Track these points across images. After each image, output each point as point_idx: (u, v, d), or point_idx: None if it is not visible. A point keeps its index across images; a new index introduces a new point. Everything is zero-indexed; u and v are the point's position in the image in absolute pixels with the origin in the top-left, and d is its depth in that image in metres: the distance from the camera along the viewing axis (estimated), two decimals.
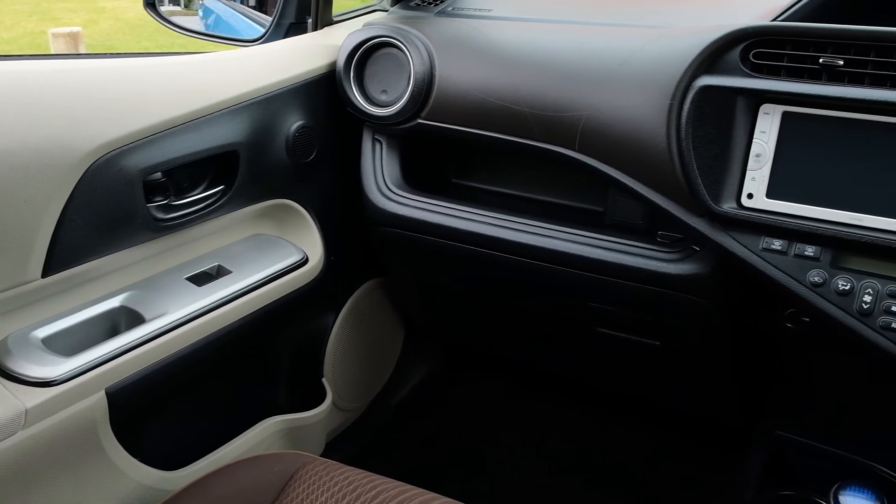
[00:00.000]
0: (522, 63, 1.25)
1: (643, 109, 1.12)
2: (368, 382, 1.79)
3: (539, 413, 1.93)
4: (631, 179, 1.16)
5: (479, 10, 1.43)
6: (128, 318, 1.15)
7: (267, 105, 1.29)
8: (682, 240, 1.21)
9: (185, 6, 1.73)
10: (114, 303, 1.16)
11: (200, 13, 1.73)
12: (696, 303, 1.21)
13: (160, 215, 1.18)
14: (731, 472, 1.64)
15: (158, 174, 1.18)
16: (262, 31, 1.50)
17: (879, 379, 1.29)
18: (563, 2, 1.45)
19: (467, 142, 1.33)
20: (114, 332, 1.13)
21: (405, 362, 1.90)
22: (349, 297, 1.63)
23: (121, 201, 1.09)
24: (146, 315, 1.14)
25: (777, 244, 1.07)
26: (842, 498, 1.09)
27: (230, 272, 1.27)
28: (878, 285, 1.01)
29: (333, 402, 1.58)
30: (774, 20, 1.17)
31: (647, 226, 1.29)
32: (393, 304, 1.79)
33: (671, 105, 1.08)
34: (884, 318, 1.00)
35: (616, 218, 1.31)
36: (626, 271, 1.22)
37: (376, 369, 1.82)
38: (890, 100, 0.98)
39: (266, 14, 1.60)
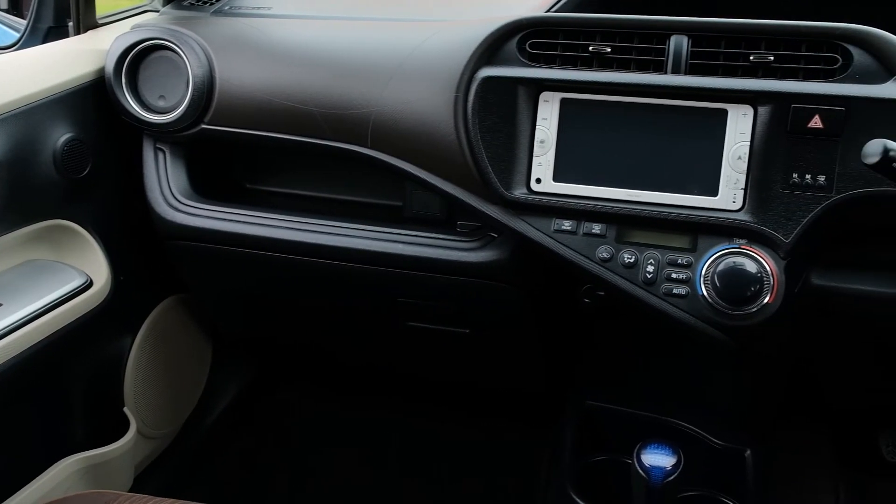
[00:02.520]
0: (307, 61, 1.23)
1: (431, 102, 1.14)
2: (177, 405, 1.70)
3: (362, 413, 1.92)
4: (425, 172, 1.17)
5: (258, 8, 1.38)
6: None
7: (25, 118, 1.18)
8: (480, 228, 1.24)
9: None
10: None
11: None
12: (499, 288, 1.25)
13: None
14: (549, 443, 1.71)
15: None
16: (17, 36, 1.36)
17: (670, 341, 1.39)
18: None
19: (257, 145, 1.29)
20: None
21: (216, 379, 1.81)
22: (146, 318, 1.53)
23: None
24: None
25: (567, 225, 1.11)
26: (643, 456, 1.17)
27: (0, 305, 1.15)
28: (659, 255, 1.09)
29: (139, 431, 1.48)
30: (548, 11, 1.22)
31: (446, 217, 1.30)
32: (197, 320, 1.70)
33: (457, 97, 1.11)
34: (666, 286, 1.08)
35: (415, 211, 1.32)
36: (428, 263, 1.24)
37: (185, 390, 1.73)
38: (653, 83, 1.06)
39: (20, 17, 1.46)
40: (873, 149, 0.89)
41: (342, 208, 1.40)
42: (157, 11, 1.45)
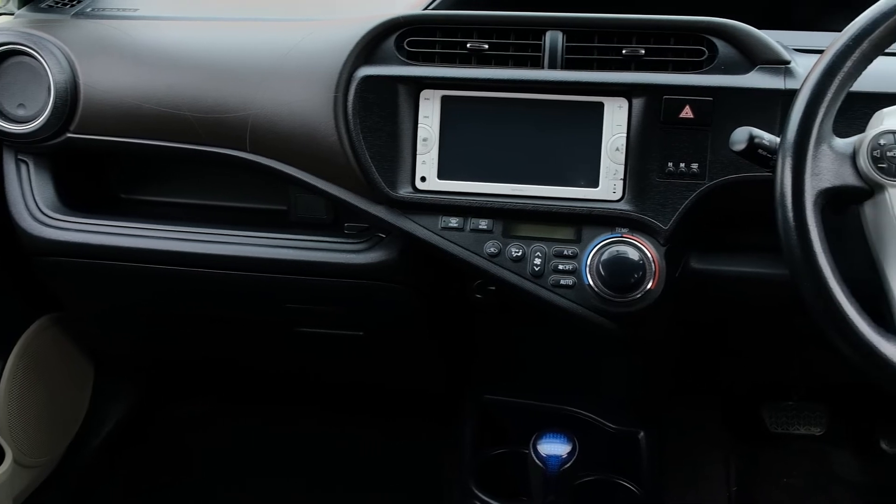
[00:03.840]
0: (177, 63, 1.18)
1: (310, 103, 1.11)
2: (58, 430, 1.61)
3: (258, 423, 1.87)
4: (308, 175, 1.14)
5: (123, 9, 1.31)
6: None
7: None
8: (368, 229, 1.23)
9: None
10: None
11: None
12: (389, 288, 1.24)
13: None
14: (450, 440, 1.71)
15: None
16: None
17: (563, 331, 1.42)
18: None
19: (131, 153, 1.23)
20: None
21: (100, 400, 1.73)
22: (17, 340, 1.44)
23: None
24: None
25: (454, 222, 1.12)
26: (539, 446, 1.19)
27: None
28: (546, 248, 1.11)
29: (16, 461, 1.40)
30: (426, 9, 1.22)
31: (333, 219, 1.28)
32: (75, 338, 1.62)
33: (336, 97, 1.09)
34: (553, 277, 1.10)
35: (300, 215, 1.29)
36: (316, 267, 1.21)
37: (65, 414, 1.64)
38: (530, 78, 1.08)
39: None
40: (740, 136, 0.93)
41: (225, 215, 1.35)
42: (13, 14, 1.36)
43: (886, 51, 0.88)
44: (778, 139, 0.88)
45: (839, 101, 0.87)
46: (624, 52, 1.08)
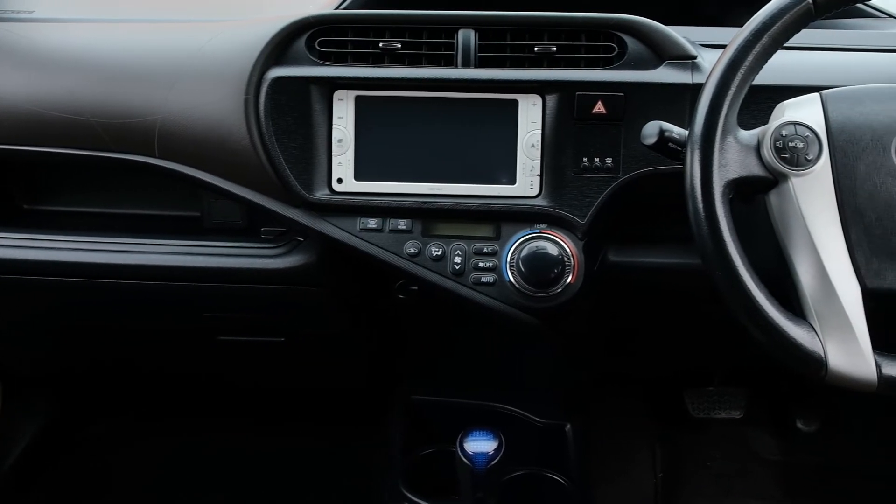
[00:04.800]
0: (79, 67, 1.13)
1: (220, 106, 1.09)
2: None
3: (181, 438, 1.82)
4: (221, 180, 1.12)
5: (18, 11, 1.26)
6: None
7: None
8: (285, 233, 1.20)
9: None
10: None
11: None
12: (310, 292, 1.22)
13: None
14: (379, 442, 1.70)
15: None
16: None
17: (487, 327, 1.42)
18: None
19: (32, 162, 1.18)
20: None
21: (6, 424, 1.65)
22: None
23: None
24: None
25: (372, 223, 1.11)
26: (466, 444, 1.20)
27: None
28: (466, 246, 1.11)
29: None
30: (337, 9, 1.20)
31: (249, 224, 1.25)
32: None
33: (247, 100, 1.07)
34: (474, 275, 1.10)
35: (214, 221, 1.25)
36: (233, 274, 1.18)
37: None
38: (444, 77, 1.08)
39: None
40: (650, 130, 0.94)
41: (135, 224, 1.31)
42: None
43: (786, 45, 0.91)
44: (687, 132, 0.90)
45: (743, 95, 0.89)
46: (536, 49, 1.09)
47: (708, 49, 1.12)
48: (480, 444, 1.19)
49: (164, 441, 1.80)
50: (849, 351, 0.83)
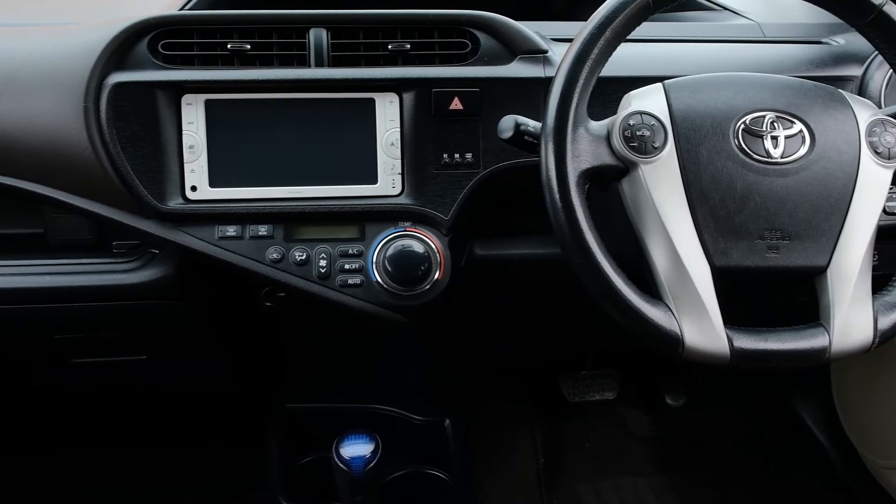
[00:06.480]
0: None
1: (58, 115, 1.02)
2: None
3: (36, 475, 1.69)
4: (63, 193, 1.05)
5: None
6: None
7: None
8: (139, 246, 1.14)
9: None
10: None
11: None
12: (169, 306, 1.16)
13: None
14: (257, 455, 1.65)
15: None
16: None
17: (359, 330, 1.41)
18: None
19: None
20: None
21: None
22: None
23: None
24: None
25: (232, 230, 1.07)
26: (342, 450, 1.18)
27: None
28: (331, 248, 1.09)
29: None
30: (181, 9, 1.15)
31: (99, 238, 1.18)
32: None
33: (87, 107, 1.00)
34: (341, 277, 1.08)
35: (60, 237, 1.17)
36: (84, 292, 1.11)
37: None
38: (297, 77, 1.05)
39: None
40: (506, 125, 0.96)
41: None
42: None
43: (630, 38, 0.94)
44: (541, 125, 0.92)
45: (591, 87, 0.91)
46: (390, 47, 1.08)
47: (559, 43, 1.15)
48: (356, 448, 1.17)
49: (16, 480, 1.68)
50: (702, 328, 0.87)
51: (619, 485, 1.76)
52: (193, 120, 1.04)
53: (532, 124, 0.95)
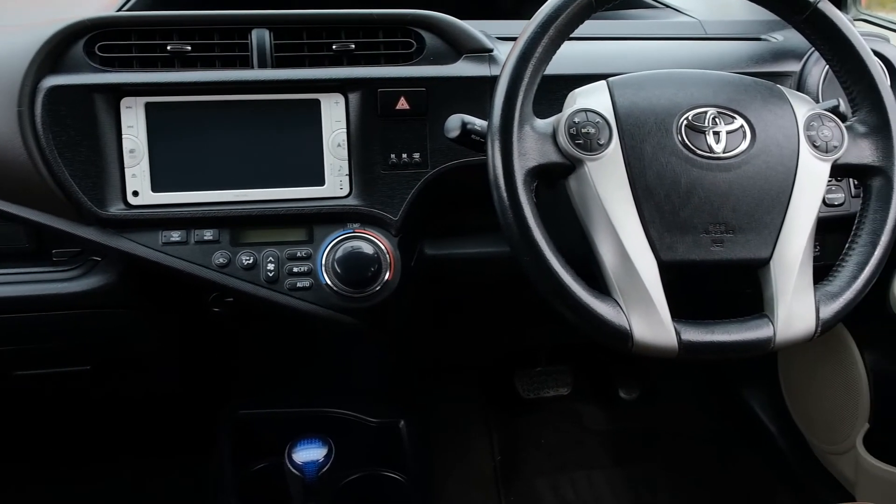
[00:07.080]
0: None
1: None
2: None
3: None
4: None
5: None
6: None
7: None
8: (80, 253, 1.11)
9: None
10: None
11: None
12: (113, 314, 1.14)
13: None
14: (209, 463, 1.63)
15: None
16: None
17: (309, 333, 1.39)
18: None
19: None
20: None
21: None
22: None
23: None
24: None
25: (176, 235, 1.05)
26: (294, 455, 1.17)
27: None
28: (278, 252, 1.07)
29: None
30: (119, 10, 1.12)
31: (37, 247, 1.14)
32: None
33: (21, 112, 0.97)
34: (289, 281, 1.07)
35: None
36: (23, 302, 1.08)
37: None
38: (240, 79, 1.04)
39: None
40: (453, 124, 0.95)
41: None
42: None
43: (575, 36, 0.95)
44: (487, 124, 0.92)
45: (536, 85, 0.91)
46: (335, 47, 1.07)
47: (504, 42, 1.15)
48: (309, 453, 1.16)
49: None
50: (650, 322, 0.88)
51: (576, 479, 1.77)
52: (133, 124, 1.02)
53: (479, 123, 0.95)
